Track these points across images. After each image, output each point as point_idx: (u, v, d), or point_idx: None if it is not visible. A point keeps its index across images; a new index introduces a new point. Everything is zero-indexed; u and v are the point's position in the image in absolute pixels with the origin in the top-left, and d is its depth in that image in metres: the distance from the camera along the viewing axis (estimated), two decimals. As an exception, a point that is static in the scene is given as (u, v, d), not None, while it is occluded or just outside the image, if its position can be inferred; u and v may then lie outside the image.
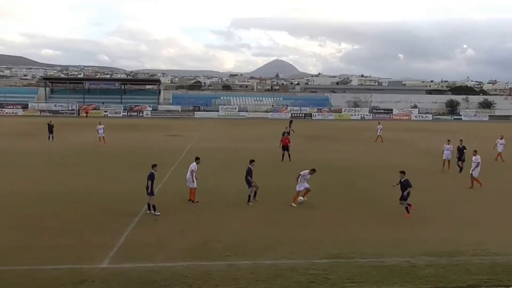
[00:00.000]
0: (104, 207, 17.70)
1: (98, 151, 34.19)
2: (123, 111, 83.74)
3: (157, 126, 59.59)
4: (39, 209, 17.27)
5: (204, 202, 18.76)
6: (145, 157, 30.53)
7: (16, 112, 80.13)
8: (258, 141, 42.25)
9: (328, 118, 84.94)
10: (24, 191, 20.11)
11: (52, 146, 36.13)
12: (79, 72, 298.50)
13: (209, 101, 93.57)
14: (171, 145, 38.25)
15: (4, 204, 17.98)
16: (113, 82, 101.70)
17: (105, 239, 13.94)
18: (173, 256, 12.63)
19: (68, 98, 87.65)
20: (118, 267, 11.81)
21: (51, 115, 76.45)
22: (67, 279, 10.98)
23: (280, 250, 13.24)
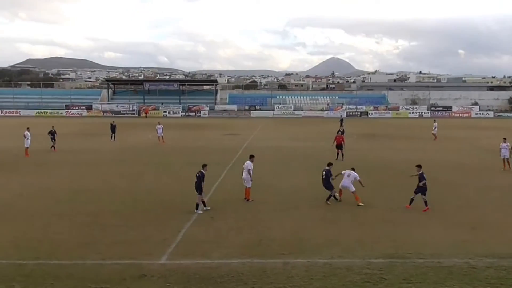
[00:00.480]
0: (163, 204, 18.17)
1: (157, 150, 35.12)
2: (181, 111, 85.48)
3: (214, 125, 60.47)
4: (104, 205, 17.96)
5: (260, 200, 18.87)
6: (202, 155, 31.08)
7: (81, 113, 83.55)
8: (313, 140, 41.98)
9: (384, 116, 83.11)
10: (89, 188, 20.98)
11: (114, 146, 37.46)
12: (139, 73, 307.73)
13: (265, 101, 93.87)
14: (227, 144, 38.72)
15: (72, 200, 18.83)
16: (172, 83, 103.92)
17: (164, 235, 14.31)
18: (229, 253, 12.78)
19: (129, 99, 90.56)
20: (176, 263, 12.09)
21: (113, 116, 79.19)
22: (128, 273, 11.36)
23: (335, 249, 13.11)
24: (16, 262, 12.01)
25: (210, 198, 19.16)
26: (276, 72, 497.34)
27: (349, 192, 18.40)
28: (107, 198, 19.11)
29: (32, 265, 11.83)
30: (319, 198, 19.10)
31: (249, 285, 10.80)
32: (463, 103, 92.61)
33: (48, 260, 12.19)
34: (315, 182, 22.56)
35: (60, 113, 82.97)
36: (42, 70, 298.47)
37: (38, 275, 11.26)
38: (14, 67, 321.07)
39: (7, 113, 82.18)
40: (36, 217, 16.43)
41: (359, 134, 48.31)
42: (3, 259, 12.21)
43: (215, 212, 16.97)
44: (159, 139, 39.98)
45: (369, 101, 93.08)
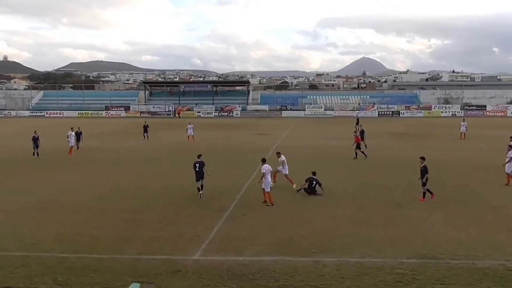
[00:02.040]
0: (196, 202, 18.30)
1: (190, 149, 35.33)
2: (214, 111, 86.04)
3: (246, 125, 60.59)
4: (140, 203, 18.23)
5: (291, 198, 18.80)
6: (234, 155, 31.22)
7: (119, 113, 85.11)
8: (344, 139, 41.52)
9: (416, 116, 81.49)
10: (127, 186, 21.33)
11: (149, 145, 37.97)
12: (175, 75, 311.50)
13: (296, 101, 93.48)
14: (259, 143, 38.71)
15: (111, 197, 19.19)
16: (206, 84, 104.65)
17: (197, 232, 14.40)
18: (261, 251, 12.76)
19: (165, 100, 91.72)
20: (209, 259, 12.14)
21: (150, 116, 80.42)
22: (163, 269, 11.48)
23: (367, 248, 12.91)
24: (59, 255, 12.32)
25: (242, 196, 19.21)
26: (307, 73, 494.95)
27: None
28: (143, 196, 19.38)
29: (73, 258, 12.10)
30: (349, 197, 18.90)
31: (281, 282, 10.75)
32: (498, 102, 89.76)
33: (88, 254, 12.44)
34: (345, 180, 22.35)
35: (100, 114, 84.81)
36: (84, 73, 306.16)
37: (79, 268, 11.51)
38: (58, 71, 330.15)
39: (52, 114, 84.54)
40: (78, 212, 16.81)
41: (391, 133, 47.55)
42: (47, 252, 12.54)
43: (247, 210, 16.98)
44: (188, 138, 41.01)
45: (401, 100, 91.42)
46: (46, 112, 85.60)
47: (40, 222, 15.62)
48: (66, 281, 10.74)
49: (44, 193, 19.89)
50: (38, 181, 22.53)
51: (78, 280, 10.81)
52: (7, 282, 10.60)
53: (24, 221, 15.72)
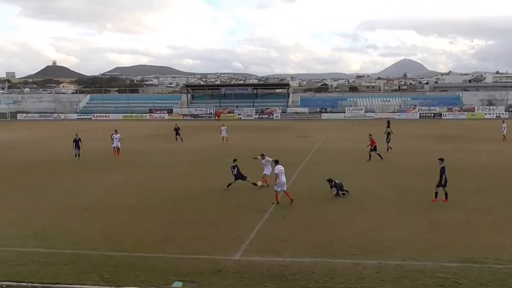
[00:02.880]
0: (237, 203, 18.43)
1: (231, 151, 35.61)
2: (255, 113, 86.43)
3: (286, 127, 60.51)
4: (183, 203, 18.53)
5: (331, 201, 18.66)
6: (275, 157, 31.18)
7: (162, 116, 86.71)
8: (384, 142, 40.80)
9: (459, 118, 79.22)
10: (169, 187, 21.71)
11: (190, 147, 38.47)
12: (216, 79, 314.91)
13: (336, 103, 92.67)
14: (299, 145, 38.60)
15: (155, 198, 19.59)
16: (246, 87, 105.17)
17: (238, 232, 14.50)
18: (300, 252, 12.72)
19: (206, 103, 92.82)
20: (250, 259, 12.20)
21: (192, 119, 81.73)
22: (204, 268, 11.62)
23: (407, 251, 12.65)
24: (105, 254, 12.66)
25: (283, 197, 19.19)
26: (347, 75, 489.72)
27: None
28: (185, 197, 19.67)
29: (119, 257, 12.42)
30: (390, 200, 18.59)
31: (320, 284, 10.69)
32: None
33: (133, 253, 12.74)
34: (386, 183, 21.99)
35: (144, 116, 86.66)
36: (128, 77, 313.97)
37: (124, 266, 11.81)
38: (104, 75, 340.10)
39: (98, 117, 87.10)
40: (123, 212, 17.26)
41: (432, 135, 46.42)
42: (94, 250, 12.91)
43: (287, 211, 16.97)
44: (223, 139, 41.31)
45: (443, 102, 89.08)
46: (93, 115, 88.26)
47: (87, 221, 16.11)
48: (112, 278, 11.04)
49: (90, 194, 20.51)
50: (85, 182, 23.25)
51: (123, 277, 11.08)
52: (57, 279, 11.00)
53: (72, 220, 16.27)
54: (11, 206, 18.33)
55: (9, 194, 20.54)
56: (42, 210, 17.74)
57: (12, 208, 17.93)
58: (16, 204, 18.69)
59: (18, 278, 11.03)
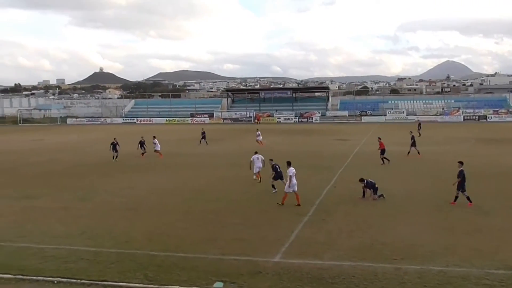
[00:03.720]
0: (277, 205, 18.42)
1: (270, 155, 35.61)
2: (294, 117, 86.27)
3: (325, 131, 60.07)
4: (223, 205, 18.71)
5: (371, 204, 18.40)
6: (314, 160, 31.07)
7: (203, 120, 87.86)
8: (426, 145, 39.90)
9: (506, 120, 76.42)
10: (210, 189, 21.96)
11: (230, 150, 38.73)
12: (255, 83, 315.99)
13: (376, 106, 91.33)
14: (338, 149, 38.25)
15: (196, 199, 19.88)
16: (286, 91, 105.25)
17: (278, 235, 14.51)
18: (340, 255, 12.61)
19: (246, 106, 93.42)
20: (290, 262, 12.18)
21: (232, 123, 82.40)
22: (245, 269, 11.70)
23: (451, 257, 12.31)
24: (149, 253, 12.94)
25: (322, 201, 19.10)
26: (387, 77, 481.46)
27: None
28: (225, 198, 19.84)
29: (162, 256, 12.67)
30: (432, 204, 18.14)
31: (360, 287, 10.57)
32: None
33: (175, 253, 12.97)
34: (428, 187, 21.49)
35: (186, 120, 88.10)
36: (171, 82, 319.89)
37: (167, 265, 12.04)
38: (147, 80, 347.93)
39: (142, 121, 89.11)
40: (166, 213, 17.59)
41: (477, 139, 45.00)
42: (139, 250, 13.22)
43: (326, 215, 16.85)
44: (260, 143, 41.85)
45: (488, 104, 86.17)
46: (137, 119, 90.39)
47: (132, 221, 16.52)
48: (156, 277, 11.28)
49: (134, 195, 21.02)
50: (129, 183, 23.82)
51: (166, 277, 11.30)
52: (104, 276, 11.33)
53: (117, 220, 16.72)
54: (61, 206, 19.03)
55: (59, 195, 21.32)
56: (90, 210, 18.32)
57: (62, 208, 18.61)
58: (65, 204, 19.39)
59: (68, 274, 11.44)
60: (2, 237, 14.56)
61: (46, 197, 20.84)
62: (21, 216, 17.45)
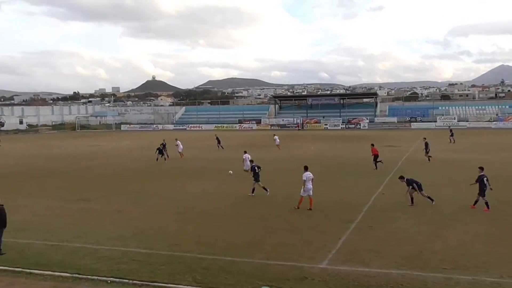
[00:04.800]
0: (323, 211, 18.23)
1: (317, 160, 35.39)
2: (341, 123, 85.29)
3: (374, 137, 58.86)
4: (269, 210, 18.71)
5: (420, 212, 17.87)
6: (361, 166, 30.55)
7: (251, 126, 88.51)
8: (478, 152, 38.38)
9: None
10: (257, 194, 21.95)
11: (278, 156, 38.62)
12: (302, 89, 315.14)
13: (426, 112, 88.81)
14: (387, 155, 37.36)
15: (242, 204, 20.00)
16: (333, 97, 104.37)
17: (324, 241, 14.35)
18: (388, 263, 12.30)
19: (293, 113, 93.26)
20: (336, 268, 12.01)
21: (279, 129, 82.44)
22: (291, 275, 11.63)
23: (505, 267, 11.72)
24: (198, 256, 13.12)
25: (369, 208, 18.75)
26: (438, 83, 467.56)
27: None
28: (271, 203, 19.80)
29: (210, 260, 12.81)
30: (483, 212, 17.39)
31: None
32: None
33: (223, 256, 13.07)
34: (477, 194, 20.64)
35: (234, 127, 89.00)
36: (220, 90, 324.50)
37: (214, 268, 12.15)
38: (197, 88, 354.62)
39: (192, 128, 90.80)
40: (214, 217, 17.79)
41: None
42: (188, 253, 13.43)
43: (373, 222, 16.50)
44: (278, 147, 44.14)
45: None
46: (187, 126, 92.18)
47: (181, 225, 16.81)
48: (203, 280, 11.41)
49: (184, 199, 21.39)
50: (179, 188, 24.26)
51: (214, 280, 11.41)
52: (154, 277, 11.59)
53: (168, 223, 17.06)
54: (115, 208, 19.65)
55: (113, 198, 22.03)
56: (141, 213, 18.80)
57: (115, 211, 19.21)
58: (119, 206, 20.00)
59: (121, 275, 11.78)
60: (60, 238, 15.19)
61: (101, 200, 21.58)
62: (78, 217, 18.16)
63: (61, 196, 22.57)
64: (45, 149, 50.02)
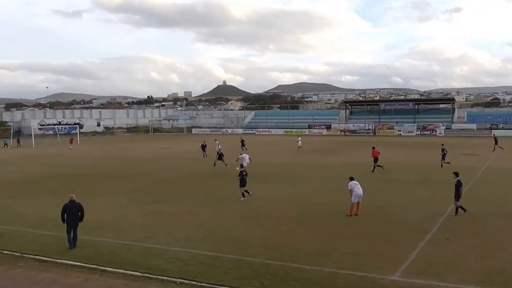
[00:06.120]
0: (395, 221, 17.63)
1: (391, 167, 34.32)
2: (416, 130, 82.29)
3: (451, 144, 56.12)
4: (338, 217, 18.36)
5: (504, 225, 16.77)
6: (437, 175, 29.23)
7: (321, 132, 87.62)
8: None
9: None
10: (326, 200, 21.71)
11: (346, 163, 37.95)
12: (375, 94, 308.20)
13: (509, 118, 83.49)
14: (465, 164, 35.51)
15: (311, 211, 19.77)
16: (407, 102, 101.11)
17: (396, 252, 13.84)
18: (466, 278, 11.62)
19: (365, 118, 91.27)
20: (409, 281, 11.53)
21: (350, 135, 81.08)
22: (361, 286, 11.31)
23: None
24: (265, 262, 13.10)
25: (446, 219, 17.89)
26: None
27: None
28: (340, 211, 19.36)
29: (278, 266, 12.75)
30: None
31: (490, 316, 9.62)
32: None
33: (291, 263, 12.96)
34: None
35: (304, 132, 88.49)
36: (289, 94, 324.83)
37: (282, 275, 12.07)
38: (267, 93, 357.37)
39: (261, 132, 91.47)
40: (282, 223, 17.74)
41: None
42: (255, 258, 13.45)
43: (451, 234, 15.69)
44: (298, 148, 47.69)
45: None
46: (256, 130, 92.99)
47: (250, 229, 16.91)
48: (271, 286, 11.36)
49: (252, 203, 21.50)
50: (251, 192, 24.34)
51: (282, 286, 11.34)
52: (222, 281, 11.71)
53: (236, 227, 17.24)
54: (185, 210, 20.18)
55: (184, 200, 22.64)
56: (210, 215, 19.15)
57: (186, 213, 19.72)
58: (189, 208, 20.52)
59: (190, 277, 12.02)
60: (132, 237, 15.81)
61: (172, 202, 22.25)
62: (150, 218, 18.82)
63: (134, 197, 23.53)
64: (120, 151, 52.48)
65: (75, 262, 13.31)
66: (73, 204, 14.95)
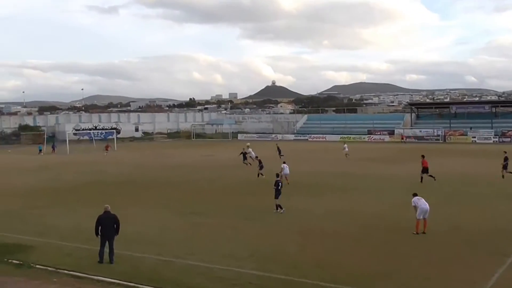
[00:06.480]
0: (470, 241, 17.09)
1: (461, 179, 33.25)
2: (493, 136, 79.43)
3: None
4: (401, 235, 17.98)
5: None
6: None
7: (382, 138, 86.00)
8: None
9: None
10: (387, 215, 21.22)
11: (411, 173, 36.98)
12: (445, 96, 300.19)
13: None
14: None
15: (372, 227, 19.43)
16: (483, 105, 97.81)
17: (472, 276, 13.39)
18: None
19: (433, 123, 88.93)
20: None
21: (416, 141, 79.21)
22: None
23: None
24: (318, 283, 12.96)
25: None
26: None
27: None
28: (403, 227, 18.90)
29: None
30: None
31: None
32: None
33: (347, 286, 12.79)
34: None
35: (363, 138, 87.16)
36: (346, 96, 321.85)
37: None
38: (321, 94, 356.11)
39: (314, 138, 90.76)
40: (338, 239, 17.61)
41: None
42: (307, 279, 13.32)
43: (537, 257, 14.99)
44: (346, 155, 48.43)
45: None
46: (309, 136, 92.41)
47: (301, 246, 16.82)
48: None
49: (304, 217, 21.43)
50: (297, 204, 24.17)
51: (336, 311, 11.19)
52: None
53: (286, 243, 17.19)
54: (228, 224, 20.34)
55: (226, 212, 22.86)
56: (256, 230, 19.22)
57: (229, 227, 19.86)
58: (232, 222, 20.69)
59: (235, 298, 12.05)
60: (173, 253, 16.08)
61: (213, 214, 22.51)
62: (191, 232, 19.10)
63: (174, 208, 23.96)
64: (159, 158, 53.61)
65: (112, 279, 13.63)
66: (108, 215, 15.37)
